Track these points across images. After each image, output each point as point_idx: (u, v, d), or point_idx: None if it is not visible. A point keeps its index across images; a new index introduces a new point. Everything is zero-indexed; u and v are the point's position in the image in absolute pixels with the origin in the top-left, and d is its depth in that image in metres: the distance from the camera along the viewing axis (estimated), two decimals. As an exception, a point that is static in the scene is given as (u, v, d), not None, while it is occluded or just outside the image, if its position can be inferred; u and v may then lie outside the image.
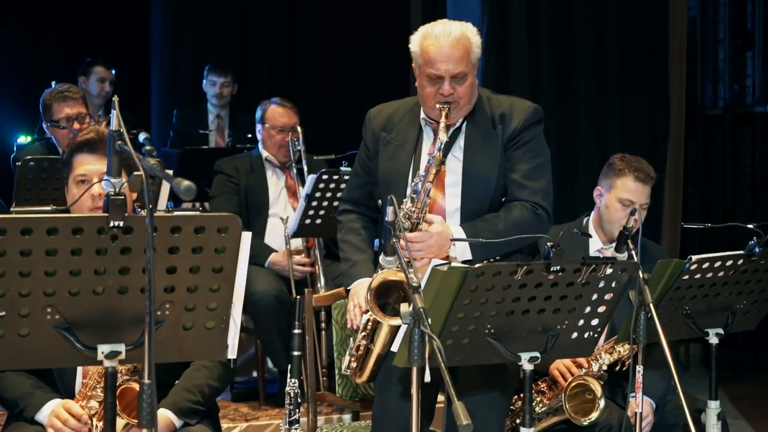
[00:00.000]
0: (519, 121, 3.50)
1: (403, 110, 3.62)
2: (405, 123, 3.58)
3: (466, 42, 3.41)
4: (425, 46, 3.42)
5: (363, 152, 3.66)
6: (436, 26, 3.44)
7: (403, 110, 3.62)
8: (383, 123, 3.60)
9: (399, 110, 3.62)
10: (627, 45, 6.62)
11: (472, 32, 3.46)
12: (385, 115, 3.62)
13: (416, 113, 3.58)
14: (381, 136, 3.58)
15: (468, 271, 2.89)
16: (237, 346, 2.63)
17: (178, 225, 2.42)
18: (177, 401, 3.21)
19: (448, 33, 3.40)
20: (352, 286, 3.50)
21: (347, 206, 3.71)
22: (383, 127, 3.59)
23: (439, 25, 3.44)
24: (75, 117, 5.00)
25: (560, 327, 3.11)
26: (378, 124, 3.61)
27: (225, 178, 5.44)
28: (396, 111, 3.62)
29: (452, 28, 3.42)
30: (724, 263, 3.45)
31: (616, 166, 4.15)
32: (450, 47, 3.38)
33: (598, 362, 3.91)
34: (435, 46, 3.39)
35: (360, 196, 3.68)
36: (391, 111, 3.63)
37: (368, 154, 3.63)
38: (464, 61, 3.39)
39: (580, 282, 3.03)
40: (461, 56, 3.39)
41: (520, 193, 3.48)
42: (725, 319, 3.60)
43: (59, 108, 5.01)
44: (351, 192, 3.73)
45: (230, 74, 7.17)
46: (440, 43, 3.38)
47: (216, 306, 2.55)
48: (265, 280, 5.13)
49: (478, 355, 3.10)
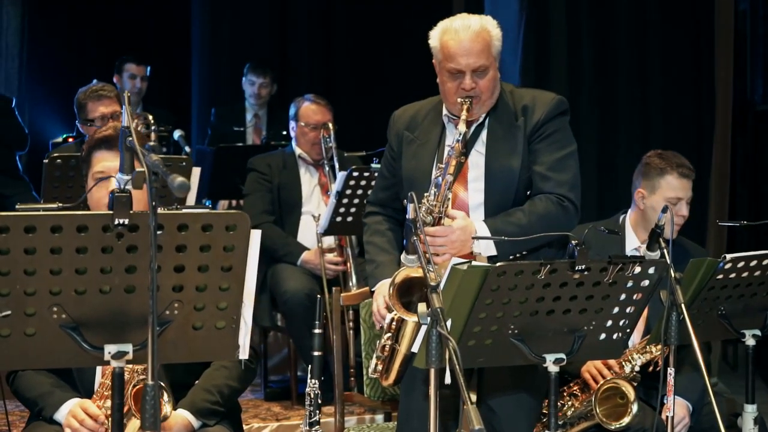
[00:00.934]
0: (542, 112, 3.43)
1: (426, 109, 3.58)
2: (428, 121, 3.54)
3: (486, 35, 3.36)
4: (445, 41, 3.37)
5: (388, 153, 3.63)
6: (455, 20, 3.40)
7: (426, 109, 3.58)
8: (407, 123, 3.56)
9: (422, 109, 3.58)
10: (671, 40, 6.46)
11: (492, 25, 3.41)
12: (409, 114, 3.59)
13: (439, 111, 3.53)
14: (404, 135, 3.54)
15: (489, 270, 2.81)
16: (248, 346, 2.57)
17: (185, 223, 2.38)
18: (195, 401, 3.17)
19: (468, 26, 3.35)
20: (377, 287, 3.44)
21: (373, 208, 3.67)
22: (407, 126, 3.56)
23: (458, 20, 3.40)
24: (110, 116, 4.99)
25: (587, 328, 3.02)
26: (402, 124, 3.57)
27: (258, 176, 5.41)
28: (419, 110, 3.58)
29: (471, 22, 3.37)
30: (761, 262, 3.32)
31: (656, 165, 4.02)
32: (470, 41, 3.33)
33: (630, 364, 3.80)
34: (455, 40, 3.35)
35: (386, 198, 3.64)
36: (415, 111, 3.59)
37: (393, 155, 3.59)
38: (485, 55, 3.35)
39: (606, 281, 2.94)
40: (482, 49, 3.34)
41: (544, 185, 3.40)
42: (763, 320, 3.47)
43: (94, 107, 5.01)
44: (377, 194, 3.69)
45: (269, 75, 7.15)
46: (460, 37, 3.34)
47: (226, 305, 2.50)
48: (296, 278, 5.09)
49: (501, 357, 3.02)
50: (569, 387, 3.90)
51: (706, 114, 6.60)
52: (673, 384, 3.21)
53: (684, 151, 6.38)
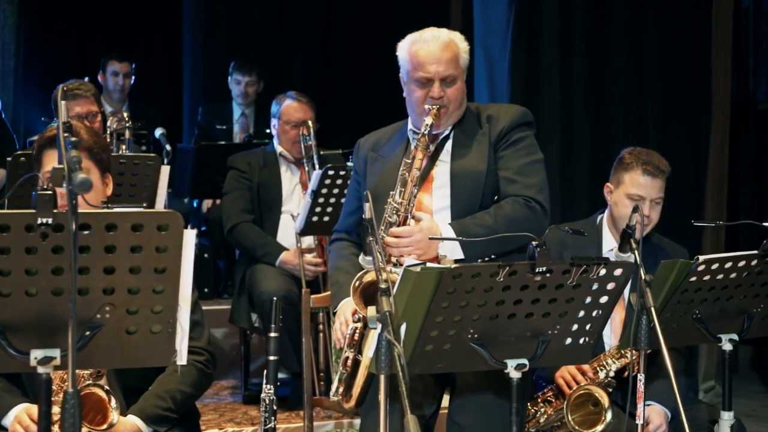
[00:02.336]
0: (507, 120, 3.44)
1: (391, 131, 3.60)
2: (393, 141, 3.54)
3: (455, 47, 3.42)
4: (414, 51, 3.41)
5: (354, 179, 3.62)
6: (424, 32, 3.46)
7: (391, 131, 3.60)
8: (372, 145, 3.58)
9: (387, 133, 3.61)
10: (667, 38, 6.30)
11: (459, 39, 3.47)
12: (374, 138, 3.61)
13: (404, 131, 3.53)
14: (369, 156, 3.54)
15: (443, 272, 2.70)
16: (186, 351, 2.46)
17: (114, 222, 2.27)
18: (146, 407, 3.07)
19: (437, 37, 3.42)
20: (339, 307, 3.37)
21: (338, 235, 3.64)
22: (371, 147, 3.57)
23: (427, 32, 3.46)
24: (85, 116, 4.88)
25: (551, 332, 2.90)
26: (367, 147, 3.58)
27: (237, 174, 5.32)
28: (384, 133, 3.62)
29: (441, 33, 3.44)
30: (736, 264, 3.19)
31: (624, 160, 3.92)
32: (440, 50, 3.38)
33: (605, 369, 3.68)
34: (424, 49, 3.39)
35: (351, 224, 3.60)
36: (379, 135, 3.62)
37: (358, 179, 3.58)
38: (453, 65, 3.39)
39: (570, 284, 2.82)
40: (450, 58, 3.38)
41: (511, 188, 3.36)
42: (741, 324, 3.34)
43: (69, 107, 4.90)
44: (343, 221, 3.67)
45: (255, 72, 7.05)
46: (430, 46, 3.39)
47: (161, 309, 2.40)
48: (274, 279, 5.00)
49: (461, 362, 2.90)
50: (543, 393, 3.78)
51: (704, 113, 6.45)
52: (643, 390, 3.08)
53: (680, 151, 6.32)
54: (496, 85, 5.87)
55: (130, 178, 4.19)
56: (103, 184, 3.17)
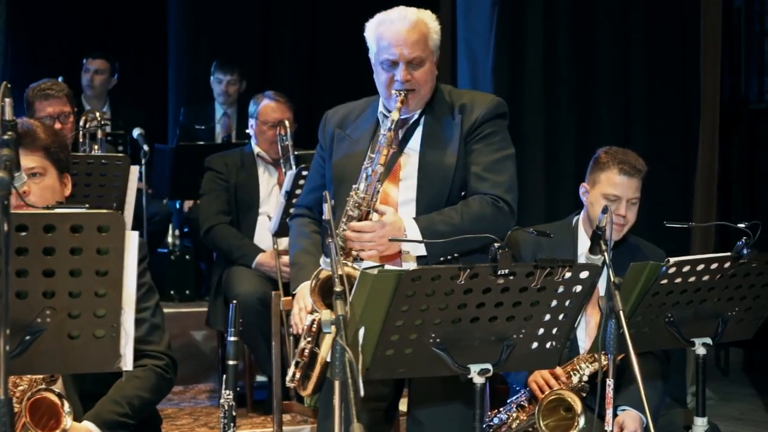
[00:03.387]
0: (481, 111, 3.30)
1: (361, 107, 3.45)
2: (362, 119, 3.41)
3: (423, 27, 3.26)
4: (381, 31, 3.28)
5: (318, 154, 3.49)
6: (391, 12, 3.31)
7: (361, 107, 3.45)
8: (339, 121, 3.43)
9: (356, 108, 3.46)
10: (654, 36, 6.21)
11: (430, 18, 3.31)
12: (342, 113, 3.46)
13: (374, 108, 3.40)
14: (336, 133, 3.41)
15: (402, 275, 2.62)
16: (131, 356, 2.39)
17: (52, 223, 2.20)
18: (101, 413, 2.98)
19: (404, 17, 3.26)
20: (298, 290, 3.27)
21: (299, 211, 3.51)
22: (339, 124, 3.43)
23: (395, 11, 3.31)
24: (57, 116, 4.79)
25: (516, 336, 2.83)
26: (334, 122, 3.44)
27: (214, 175, 5.25)
28: (353, 109, 3.47)
29: (408, 13, 3.28)
30: (708, 266, 3.12)
31: (600, 159, 3.85)
32: (406, 31, 3.23)
33: (578, 374, 3.61)
34: (390, 30, 3.25)
35: (313, 200, 3.47)
36: (349, 109, 3.47)
37: (323, 155, 3.45)
38: (421, 46, 3.24)
39: (534, 287, 2.75)
40: (417, 39, 3.23)
41: (480, 185, 3.25)
42: (715, 328, 3.27)
43: (41, 106, 4.82)
44: (305, 196, 3.55)
45: (237, 72, 6.97)
46: (396, 27, 3.25)
47: (104, 313, 2.32)
48: (249, 281, 4.93)
49: (423, 367, 2.83)
50: (517, 398, 3.71)
51: (693, 113, 6.37)
52: (612, 396, 3.00)
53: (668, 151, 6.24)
54: (479, 84, 5.79)
55: (99, 179, 4.11)
56: (60, 184, 3.09)
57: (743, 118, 8.00)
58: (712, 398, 6.16)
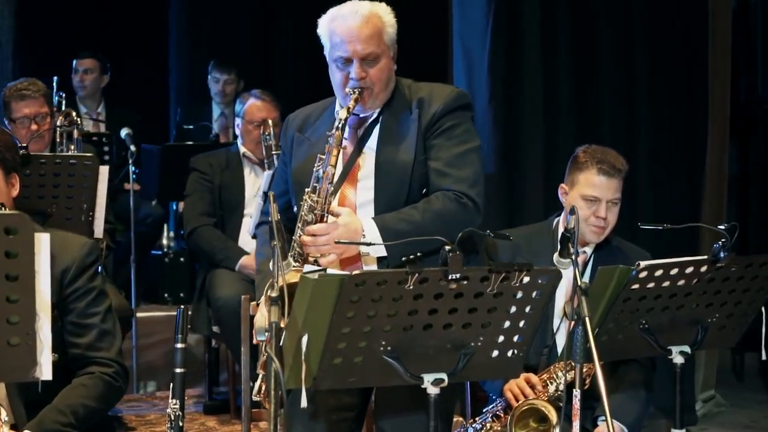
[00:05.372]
0: (438, 105, 3.16)
1: (320, 109, 3.34)
2: (321, 120, 3.29)
3: (377, 21, 3.13)
4: (333, 28, 3.15)
5: (281, 160, 3.39)
6: (344, 7, 3.18)
7: (320, 109, 3.34)
8: (299, 124, 3.33)
9: (316, 110, 3.35)
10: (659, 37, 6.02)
11: (384, 11, 3.18)
12: (302, 116, 3.35)
13: (332, 110, 3.27)
14: (296, 137, 3.30)
15: (344, 280, 2.49)
16: (50, 364, 2.27)
17: (-45, 225, 2.08)
18: (44, 421, 2.88)
19: (356, 11, 3.13)
20: (261, 300, 3.14)
21: (265, 218, 3.39)
22: (298, 127, 3.32)
23: (347, 6, 3.18)
24: (33, 117, 4.66)
25: (474, 344, 2.69)
26: (294, 126, 3.34)
27: (198, 176, 5.16)
28: (314, 111, 3.35)
29: (361, 7, 3.15)
30: (683, 270, 2.95)
31: (579, 159, 3.69)
32: (359, 26, 3.10)
33: (555, 382, 3.45)
34: (342, 26, 3.12)
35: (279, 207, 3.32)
36: (308, 112, 3.36)
37: (285, 160, 3.34)
38: (375, 41, 3.11)
39: (490, 292, 2.60)
40: (371, 35, 3.10)
41: (442, 182, 3.12)
42: (694, 335, 3.11)
43: (17, 107, 4.67)
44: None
45: (234, 71, 6.90)
46: (348, 22, 3.12)
47: (18, 320, 2.22)
48: (232, 284, 4.83)
49: (375, 376, 2.71)
50: (493, 407, 3.56)
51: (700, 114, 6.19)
52: (579, 407, 2.85)
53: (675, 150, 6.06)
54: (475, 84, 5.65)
55: (67, 179, 4.00)
56: (7, 184, 2.99)
57: (759, 119, 7.83)
58: (723, 405, 5.98)
